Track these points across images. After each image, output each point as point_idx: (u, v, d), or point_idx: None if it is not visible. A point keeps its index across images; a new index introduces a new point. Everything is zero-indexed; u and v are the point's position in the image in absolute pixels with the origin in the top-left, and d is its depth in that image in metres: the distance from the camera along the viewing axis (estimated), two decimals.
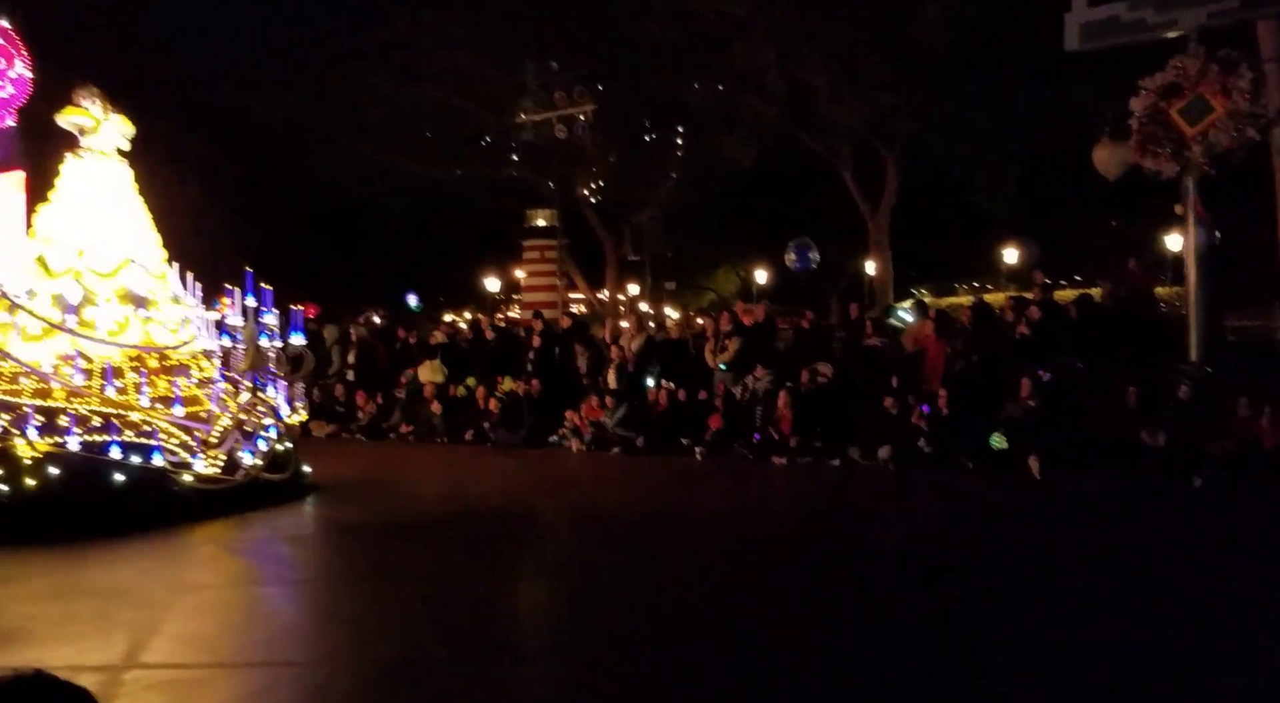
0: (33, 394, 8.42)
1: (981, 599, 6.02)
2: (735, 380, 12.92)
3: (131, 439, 8.39)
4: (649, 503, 9.60)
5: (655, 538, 7.96)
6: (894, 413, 11.22)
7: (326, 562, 7.78)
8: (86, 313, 8.83)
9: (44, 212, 9.29)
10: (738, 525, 8.53)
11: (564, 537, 8.26)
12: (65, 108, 9.20)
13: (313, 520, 9.08)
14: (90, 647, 5.31)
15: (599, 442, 12.86)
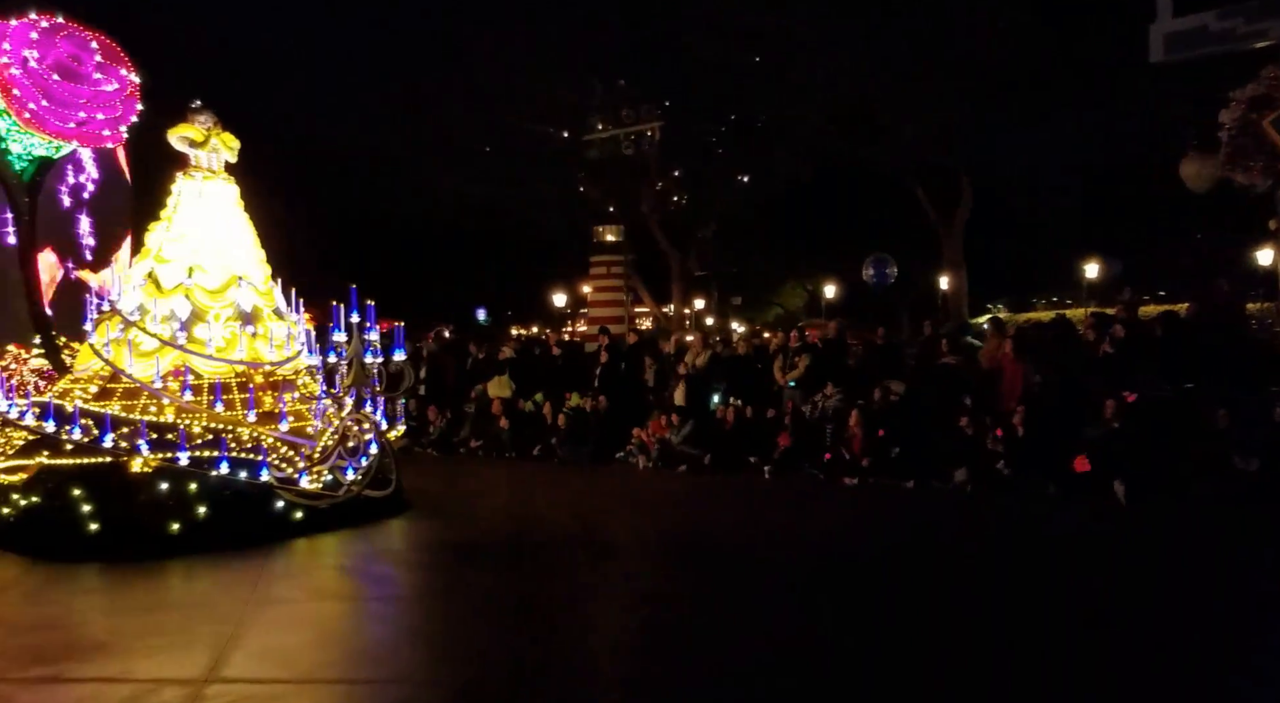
0: (144, 410, 8.61)
1: (1080, 633, 5.77)
2: (804, 398, 12.80)
3: (239, 455, 8.49)
4: (721, 524, 9.50)
5: (730, 561, 7.85)
6: (970, 433, 10.99)
7: (410, 579, 7.81)
8: (196, 330, 9.04)
9: (155, 230, 9.49)
10: (813, 550, 8.37)
11: (637, 559, 8.15)
12: (176, 126, 9.43)
13: (404, 537, 9.09)
14: (172, 660, 5.40)
15: (665, 459, 12.84)
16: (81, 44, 9.89)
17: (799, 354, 13.14)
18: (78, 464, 8.23)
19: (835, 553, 8.27)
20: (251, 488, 8.41)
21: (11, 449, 8.60)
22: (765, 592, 6.89)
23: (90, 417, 8.33)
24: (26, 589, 7.20)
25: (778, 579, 7.24)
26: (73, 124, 9.78)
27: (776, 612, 6.38)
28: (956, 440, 10.94)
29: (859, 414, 11.55)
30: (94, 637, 5.90)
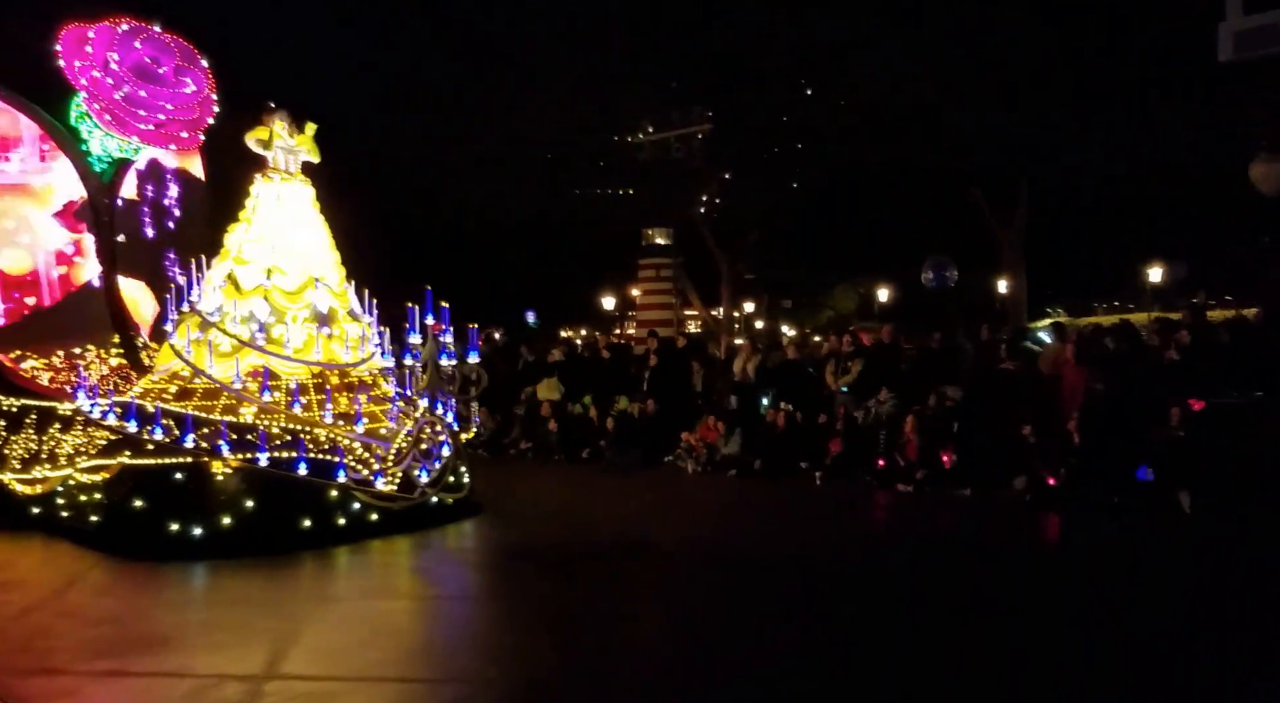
0: (223, 411, 8.70)
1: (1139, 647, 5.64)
2: (857, 403, 12.66)
3: (317, 456, 8.52)
4: (775, 532, 9.38)
5: (784, 570, 7.75)
6: (1031, 441, 10.80)
7: (471, 580, 7.84)
8: (274, 331, 9.13)
9: (234, 231, 9.60)
10: (869, 558, 8.24)
11: (690, 565, 8.05)
12: (254, 129, 9.53)
13: (471, 540, 9.08)
14: (233, 656, 5.50)
15: (714, 463, 12.78)
16: (160, 47, 10.02)
17: (851, 359, 12.96)
18: (159, 464, 8.32)
19: (891, 562, 8.13)
20: (329, 489, 8.46)
21: (94, 449, 8.73)
22: (819, 602, 6.78)
23: (171, 417, 8.42)
24: (94, 583, 7.37)
25: (832, 589, 7.11)
26: (151, 126, 9.91)
27: (830, 624, 6.26)
28: (1015, 448, 10.76)
29: (914, 420, 11.42)
30: (157, 631, 6.02)
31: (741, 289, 35.64)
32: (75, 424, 9.05)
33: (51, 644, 5.77)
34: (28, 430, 9.29)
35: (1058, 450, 10.55)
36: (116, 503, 8.37)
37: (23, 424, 9.35)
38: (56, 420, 9.22)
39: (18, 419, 9.40)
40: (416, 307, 9.12)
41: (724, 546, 8.71)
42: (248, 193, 9.60)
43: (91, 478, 8.68)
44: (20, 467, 9.18)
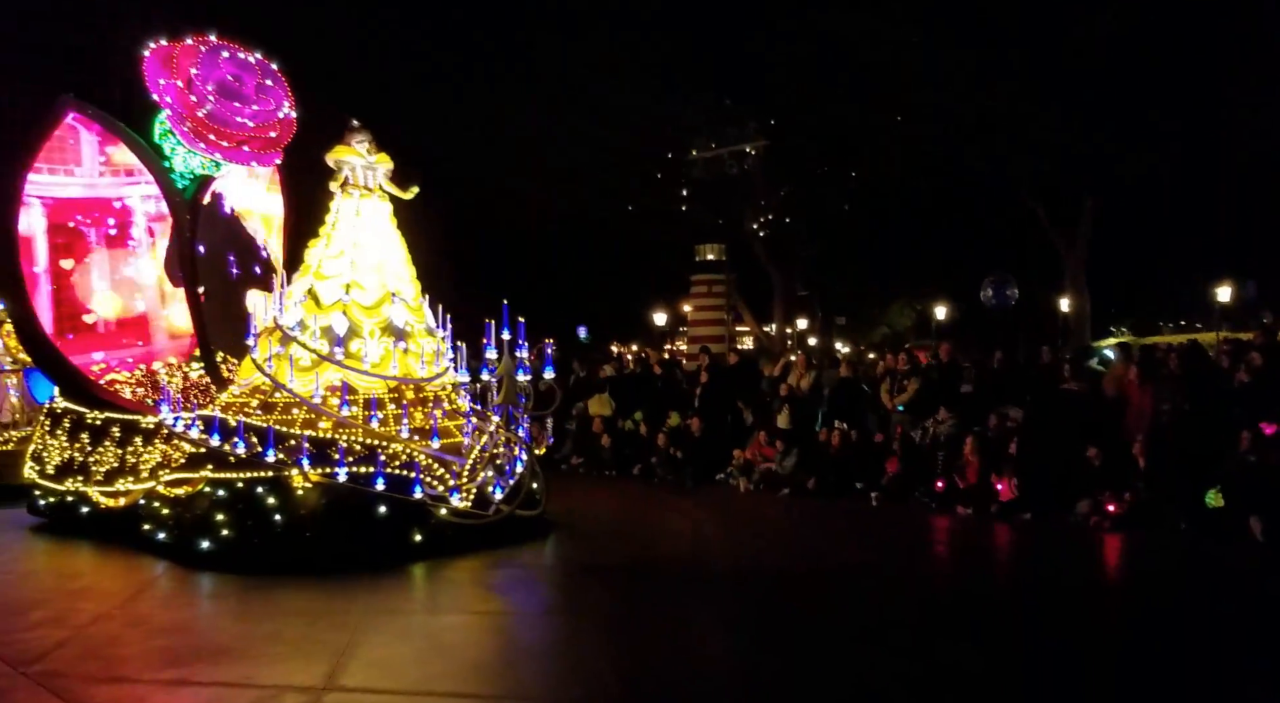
0: (302, 425, 8.73)
1: (1220, 687, 5.46)
2: (914, 423, 12.51)
3: (394, 472, 8.51)
4: (835, 553, 9.24)
5: (847, 594, 7.62)
6: (1095, 464, 10.51)
7: (533, 597, 7.80)
8: (353, 345, 9.16)
9: (315, 246, 9.70)
10: (931, 584, 8.07)
11: (750, 586, 7.93)
12: (335, 147, 9.62)
13: (539, 556, 9.00)
14: (294, 667, 5.60)
15: (767, 481, 12.61)
16: (243, 64, 10.17)
17: (909, 377, 12.80)
18: (242, 478, 8.36)
19: (950, 589, 7.98)
20: (405, 505, 8.43)
21: (177, 462, 8.80)
22: (882, 628, 6.63)
23: (254, 431, 8.46)
24: (162, 593, 7.56)
25: (894, 615, 6.96)
26: (233, 143, 10.03)
27: (891, 650, 6.11)
28: (1078, 471, 10.54)
29: (974, 441, 11.18)
30: (221, 642, 6.17)
31: (795, 305, 35.46)
32: (158, 438, 9.14)
33: (120, 652, 5.93)
34: (111, 443, 9.41)
35: (1123, 474, 10.31)
36: (199, 516, 8.41)
37: (106, 437, 9.47)
38: (139, 434, 9.32)
39: (101, 432, 9.54)
40: (493, 321, 9.03)
41: (788, 568, 8.58)
42: (327, 208, 9.67)
43: (174, 491, 8.74)
44: (103, 479, 9.29)
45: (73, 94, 9.89)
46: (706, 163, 33.50)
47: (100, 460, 9.38)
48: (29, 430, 12.12)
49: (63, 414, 9.93)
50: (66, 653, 5.89)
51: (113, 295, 10.96)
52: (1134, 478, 10.19)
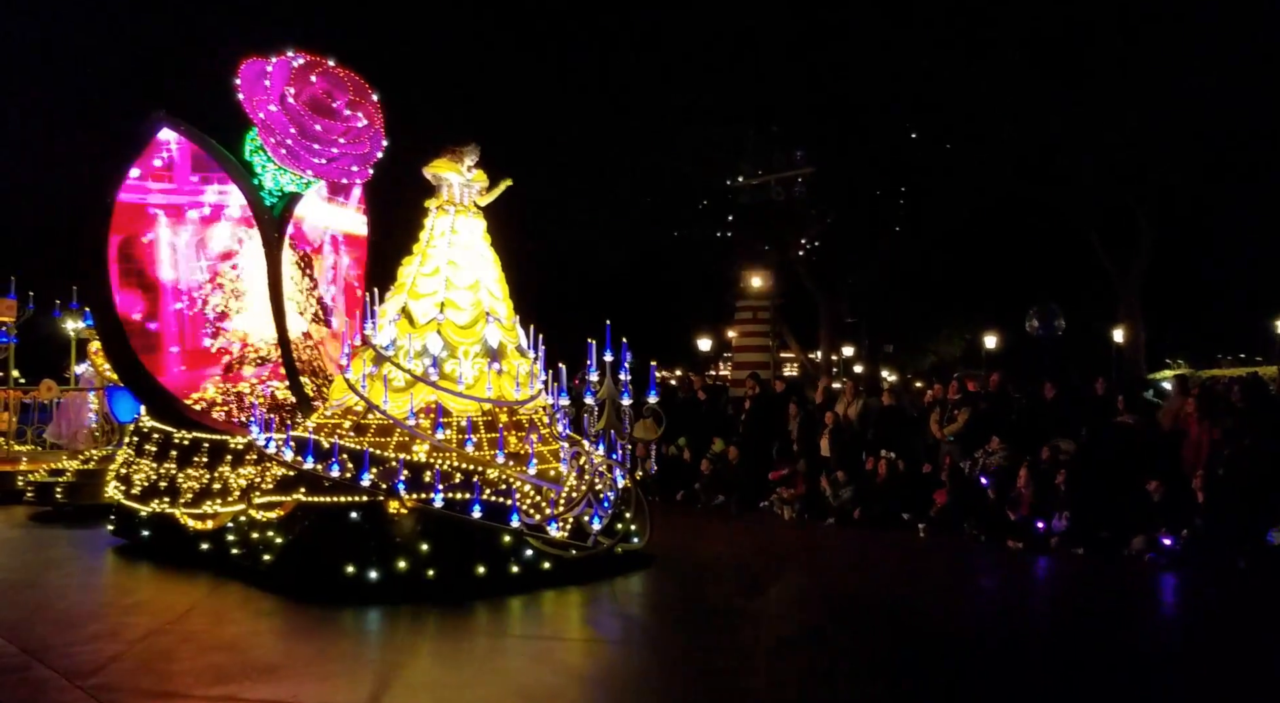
0: (396, 448, 8.46)
1: None
2: (963, 453, 12.24)
3: (490, 498, 8.18)
4: (893, 585, 8.99)
5: (907, 628, 7.36)
6: (1152, 499, 10.17)
7: (594, 625, 7.63)
8: (447, 366, 8.88)
9: (409, 264, 9.48)
10: (996, 625, 7.74)
11: (814, 621, 7.69)
12: (434, 161, 9.39)
13: (615, 586, 8.59)
14: (339, 686, 5.65)
15: (811, 510, 12.39)
16: (334, 80, 10.04)
17: (958, 407, 12.48)
18: (335, 502, 8.08)
19: (1005, 628, 7.67)
20: (502, 534, 8.10)
21: (268, 484, 8.52)
22: (944, 668, 6.37)
23: (348, 454, 8.18)
24: (214, 609, 7.62)
25: (955, 654, 6.68)
26: (324, 160, 9.89)
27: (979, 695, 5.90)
28: (1133, 505, 10.34)
29: (1026, 473, 10.89)
30: (270, 659, 6.22)
31: (841, 332, 35.22)
32: (248, 459, 8.89)
33: (171, 668, 6.02)
34: (199, 464, 9.20)
35: (1180, 510, 9.97)
36: (291, 542, 8.15)
37: (194, 458, 9.27)
38: (228, 455, 9.09)
39: (189, 452, 9.34)
40: (595, 342, 8.71)
41: (849, 601, 8.27)
42: (421, 225, 9.45)
43: (265, 515, 8.48)
44: (191, 501, 9.06)
45: (165, 110, 9.80)
46: (753, 189, 33.64)
47: (188, 482, 9.17)
48: (109, 450, 12.19)
49: (150, 433, 9.77)
50: (120, 667, 5.98)
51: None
52: (1192, 514, 9.86)
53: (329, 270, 11.37)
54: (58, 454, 13.94)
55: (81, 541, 10.52)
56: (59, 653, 6.26)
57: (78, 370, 15.39)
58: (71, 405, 14.40)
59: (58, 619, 7.16)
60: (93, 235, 9.59)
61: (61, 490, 11.85)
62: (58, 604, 7.70)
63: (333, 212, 11.38)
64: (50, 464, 12.89)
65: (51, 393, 14.51)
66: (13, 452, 14.24)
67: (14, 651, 6.34)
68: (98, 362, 12.52)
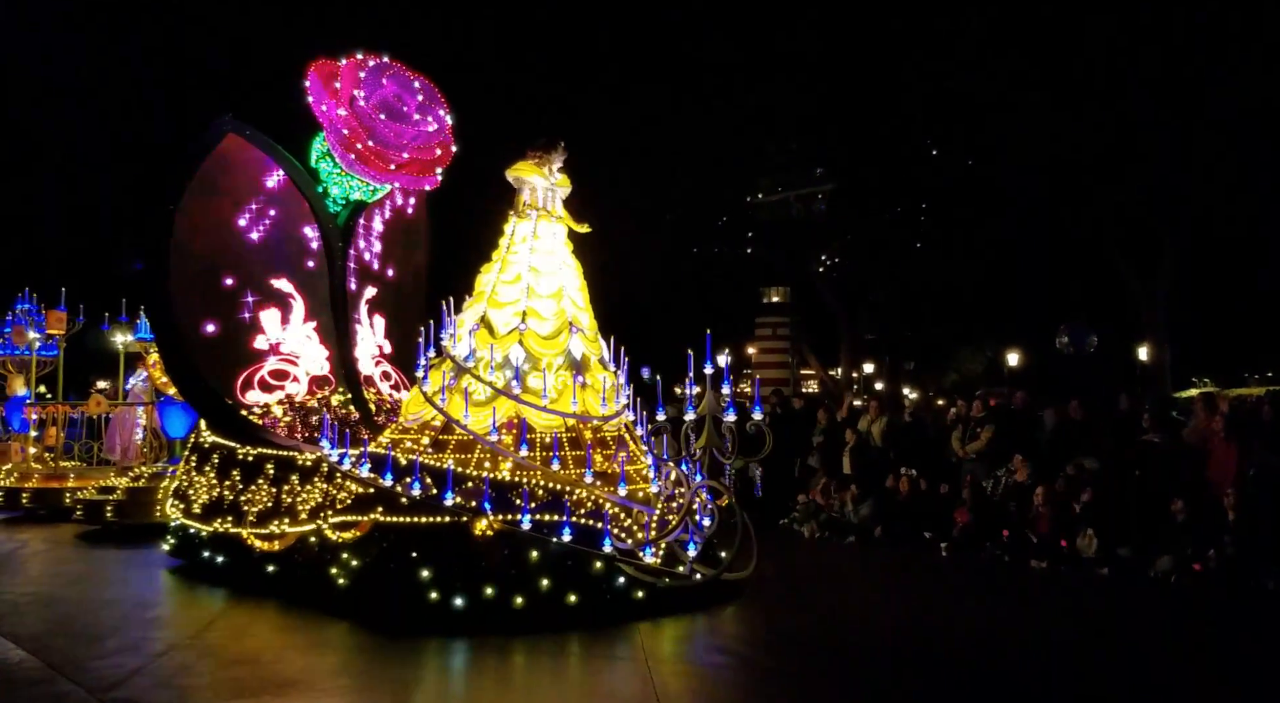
0: (475, 465, 7.99)
1: None
2: (986, 472, 11.96)
3: (579, 521, 7.64)
4: (923, 610, 8.63)
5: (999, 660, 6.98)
6: (1178, 519, 9.88)
7: (620, 644, 7.16)
8: (530, 379, 8.39)
9: (488, 271, 9.03)
10: (1033, 648, 7.37)
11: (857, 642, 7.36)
12: (517, 164, 8.96)
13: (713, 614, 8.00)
14: (358, 700, 5.74)
15: (831, 528, 12.18)
16: (405, 84, 9.69)
17: (981, 425, 12.25)
18: (416, 522, 7.58)
19: (1042, 649, 7.34)
20: (593, 560, 7.55)
21: (341, 503, 7.98)
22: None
23: (428, 471, 7.69)
24: (233, 624, 7.65)
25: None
26: (394, 165, 9.54)
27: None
28: (1159, 526, 9.94)
29: (1047, 492, 10.71)
30: (289, 674, 6.23)
31: (861, 349, 35.43)
32: (317, 476, 8.35)
33: (191, 682, 6.07)
34: (265, 481, 8.71)
35: (1207, 530, 9.72)
36: (369, 565, 7.64)
37: (260, 475, 8.78)
38: (295, 471, 8.55)
39: (254, 469, 8.85)
40: (693, 352, 8.13)
41: (885, 630, 7.83)
42: (501, 231, 9.01)
43: (341, 535, 7.97)
44: (256, 520, 8.55)
45: (230, 115, 9.47)
46: (773, 205, 34.07)
47: (253, 500, 8.66)
48: (159, 466, 11.84)
49: (211, 449, 9.32)
50: (141, 681, 6.02)
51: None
52: (1220, 534, 9.63)
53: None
54: (105, 471, 13.64)
55: (135, 561, 10.18)
56: (81, 667, 6.31)
57: (126, 384, 15.11)
58: (122, 420, 14.12)
59: (126, 648, 6.88)
60: (154, 242, 9.22)
61: (112, 509, 11.47)
62: (120, 631, 7.37)
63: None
64: (99, 482, 12.54)
65: (100, 408, 14.22)
66: (60, 468, 13.92)
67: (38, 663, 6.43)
68: (155, 374, 12.26)
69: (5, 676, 6.18)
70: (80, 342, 15.90)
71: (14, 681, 6.08)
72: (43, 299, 15.44)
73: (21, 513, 13.49)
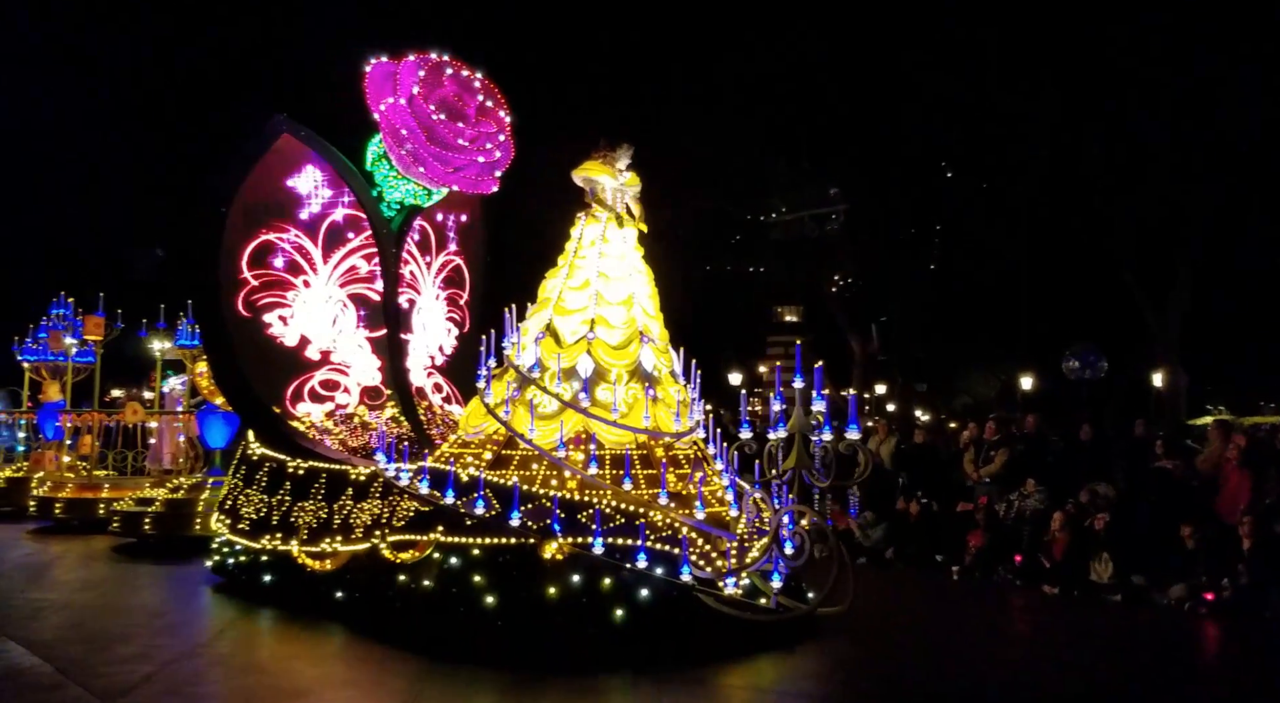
0: (541, 483, 7.50)
1: None
2: (999, 496, 11.85)
3: (655, 546, 7.12)
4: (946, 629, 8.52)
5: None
6: (1191, 546, 9.82)
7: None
8: (599, 392, 7.89)
9: (553, 277, 8.58)
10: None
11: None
12: (584, 163, 8.58)
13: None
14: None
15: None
16: (465, 83, 9.30)
17: (996, 448, 12.13)
18: (482, 543, 7.10)
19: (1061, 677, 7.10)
20: (672, 590, 6.97)
21: (399, 521, 7.53)
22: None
23: (493, 488, 7.22)
24: (243, 633, 7.74)
25: None
26: (453, 168, 9.15)
27: None
28: (1173, 553, 9.90)
29: (1062, 517, 10.56)
30: (298, 683, 6.30)
31: (873, 370, 35.79)
32: (371, 491, 7.92)
33: (201, 690, 6.16)
34: (316, 497, 8.29)
35: (1222, 557, 9.66)
36: (431, 590, 7.16)
37: (311, 489, 8.35)
38: (349, 486, 8.13)
39: (305, 483, 8.40)
40: (780, 364, 7.61)
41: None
42: (568, 235, 8.55)
43: (400, 556, 7.49)
44: (307, 537, 8.12)
45: (286, 114, 9.16)
46: (787, 225, 34.48)
47: (304, 516, 8.24)
48: (198, 476, 11.51)
49: (260, 462, 8.88)
50: (151, 688, 6.07)
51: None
52: (1234, 562, 9.54)
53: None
54: (139, 481, 13.30)
55: (176, 576, 9.84)
56: (91, 674, 6.40)
57: (163, 390, 14.95)
58: (168, 428, 13.86)
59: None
60: (205, 245, 8.97)
61: (150, 521, 11.04)
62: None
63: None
64: (135, 492, 12.14)
65: (137, 416, 13.89)
66: (94, 478, 13.59)
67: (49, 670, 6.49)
68: (202, 383, 11.85)
69: (16, 681, 6.22)
70: (119, 349, 15.64)
71: (25, 686, 6.13)
72: (80, 304, 15.22)
73: (53, 523, 13.19)
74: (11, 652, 6.97)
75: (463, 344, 10.54)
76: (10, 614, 8.23)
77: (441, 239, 10.59)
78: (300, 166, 9.81)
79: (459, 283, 10.78)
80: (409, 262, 9.96)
